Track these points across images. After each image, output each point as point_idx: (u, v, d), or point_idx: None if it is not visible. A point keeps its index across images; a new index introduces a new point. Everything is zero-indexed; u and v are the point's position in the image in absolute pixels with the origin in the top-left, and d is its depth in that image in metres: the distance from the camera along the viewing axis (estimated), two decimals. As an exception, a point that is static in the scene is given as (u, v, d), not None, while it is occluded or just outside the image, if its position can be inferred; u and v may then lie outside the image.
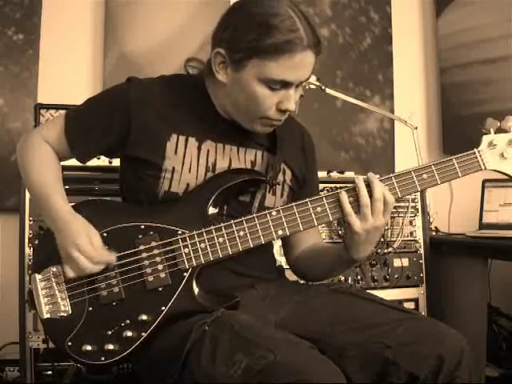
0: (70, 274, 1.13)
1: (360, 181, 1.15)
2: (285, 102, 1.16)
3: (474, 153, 1.20)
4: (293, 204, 1.17)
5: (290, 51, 1.09)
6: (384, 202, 1.14)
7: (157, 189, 1.19)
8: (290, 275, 1.42)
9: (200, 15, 2.67)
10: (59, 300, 1.14)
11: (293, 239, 1.36)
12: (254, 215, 1.17)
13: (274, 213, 1.17)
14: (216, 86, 1.22)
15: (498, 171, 1.21)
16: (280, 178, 1.29)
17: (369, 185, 1.15)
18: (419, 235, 2.29)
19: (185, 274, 1.15)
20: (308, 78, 1.19)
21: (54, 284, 1.15)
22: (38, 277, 1.16)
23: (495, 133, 1.22)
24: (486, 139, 1.21)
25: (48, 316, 1.14)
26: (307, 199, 1.17)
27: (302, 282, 1.63)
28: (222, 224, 1.16)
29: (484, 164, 1.20)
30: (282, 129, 1.27)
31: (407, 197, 2.16)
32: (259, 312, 1.19)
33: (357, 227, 1.14)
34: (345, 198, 1.15)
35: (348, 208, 1.15)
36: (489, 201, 2.32)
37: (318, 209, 1.17)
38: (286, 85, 1.14)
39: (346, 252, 1.20)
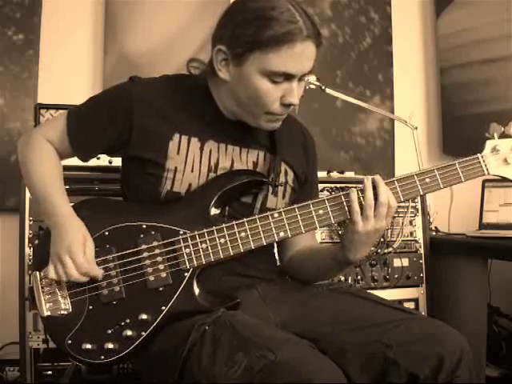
0: (53, 275, 1.13)
1: (368, 181, 1.15)
2: (288, 95, 1.15)
3: (478, 158, 1.20)
4: (295, 206, 1.17)
5: (290, 42, 1.09)
6: (388, 206, 1.14)
7: (159, 188, 1.19)
8: (290, 275, 1.42)
9: (200, 15, 2.67)
10: (60, 298, 1.14)
11: (288, 239, 1.35)
12: (256, 217, 1.16)
13: (275, 214, 1.16)
14: (219, 85, 1.22)
15: (501, 176, 1.21)
16: (282, 179, 1.29)
17: (375, 187, 1.15)
18: (419, 235, 2.29)
19: (186, 274, 1.15)
20: (310, 71, 1.18)
21: (55, 282, 1.15)
22: (39, 274, 1.16)
23: (499, 138, 1.21)
24: (489, 144, 1.21)
25: (48, 314, 1.14)
26: (309, 201, 1.17)
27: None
28: (224, 225, 1.16)
29: (487, 169, 1.19)
30: (281, 129, 1.27)
31: (408, 197, 2.16)
32: (260, 312, 1.19)
33: (359, 227, 1.14)
34: (355, 196, 1.14)
35: (356, 206, 1.14)
36: (489, 201, 2.33)
37: (320, 211, 1.17)
38: (288, 77, 1.13)
39: (342, 252, 1.19)
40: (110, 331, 1.11)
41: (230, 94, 1.20)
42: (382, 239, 2.22)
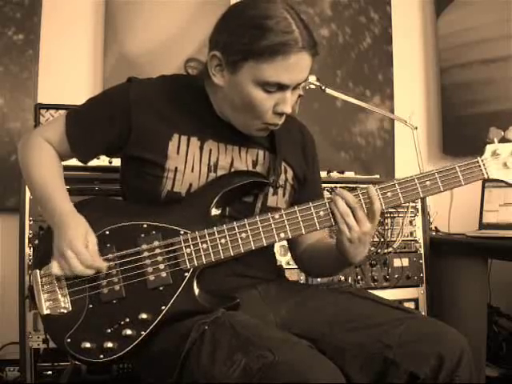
0: (57, 271, 1.13)
1: (335, 195, 1.15)
2: (281, 104, 1.15)
3: (478, 161, 1.20)
4: (296, 208, 1.17)
5: (285, 53, 1.09)
6: (367, 209, 1.14)
7: (159, 188, 1.19)
8: (290, 275, 1.42)
9: (200, 15, 2.67)
10: (59, 296, 1.14)
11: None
12: (257, 218, 1.16)
13: (276, 216, 1.16)
14: (213, 88, 1.22)
15: (501, 180, 1.21)
16: (282, 177, 1.29)
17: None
18: (419, 235, 2.29)
19: (186, 274, 1.15)
20: (305, 80, 1.18)
21: (55, 280, 1.15)
22: (39, 273, 1.16)
23: (499, 142, 1.22)
24: (489, 148, 1.21)
25: (48, 312, 1.14)
26: (310, 203, 1.17)
27: (301, 281, 1.63)
28: (225, 226, 1.16)
29: (487, 173, 1.20)
30: (280, 128, 1.27)
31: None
32: (259, 312, 1.19)
33: (347, 235, 1.14)
34: (333, 207, 1.15)
35: (339, 216, 1.14)
36: (489, 201, 2.32)
37: (321, 213, 1.17)
38: (281, 87, 1.13)
39: (342, 256, 1.20)
40: (109, 330, 1.11)
41: (224, 98, 1.20)
42: (382, 239, 2.22)
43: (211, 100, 1.25)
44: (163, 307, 1.12)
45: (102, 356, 1.11)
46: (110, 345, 1.10)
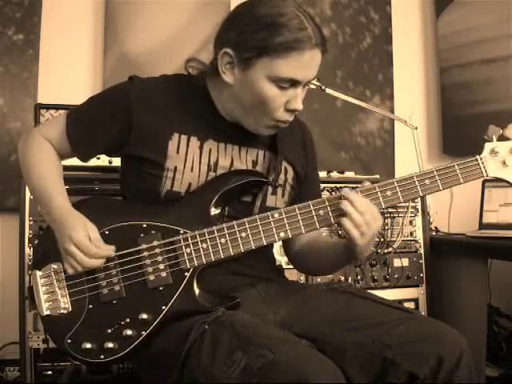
0: (70, 270, 1.14)
1: (343, 201, 1.13)
2: (292, 101, 1.16)
3: (476, 160, 1.20)
4: (295, 206, 1.17)
5: (300, 49, 1.10)
6: (369, 212, 1.12)
7: (159, 188, 1.19)
8: (290, 275, 1.42)
9: (200, 15, 2.67)
10: (59, 297, 1.15)
11: None
12: (257, 217, 1.16)
13: (276, 215, 1.16)
14: (220, 87, 1.22)
15: (500, 178, 1.21)
16: (282, 177, 1.29)
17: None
18: (419, 235, 2.29)
19: (186, 273, 1.15)
20: (314, 78, 1.19)
21: (55, 281, 1.15)
22: (39, 273, 1.16)
23: (497, 140, 1.22)
24: (488, 146, 1.21)
25: (48, 313, 1.14)
26: (310, 202, 1.17)
27: (301, 281, 1.62)
28: (225, 225, 1.16)
29: (486, 171, 1.20)
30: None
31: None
32: (259, 312, 1.19)
33: (357, 240, 1.12)
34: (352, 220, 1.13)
35: (348, 223, 1.13)
36: (489, 201, 2.33)
37: (321, 212, 1.17)
38: (294, 84, 1.14)
39: (350, 254, 1.19)
40: (109, 330, 1.12)
41: (233, 97, 1.20)
42: (382, 239, 2.22)
43: (214, 99, 1.24)
44: (163, 307, 1.13)
45: (102, 356, 1.11)
46: (110, 345, 1.10)
